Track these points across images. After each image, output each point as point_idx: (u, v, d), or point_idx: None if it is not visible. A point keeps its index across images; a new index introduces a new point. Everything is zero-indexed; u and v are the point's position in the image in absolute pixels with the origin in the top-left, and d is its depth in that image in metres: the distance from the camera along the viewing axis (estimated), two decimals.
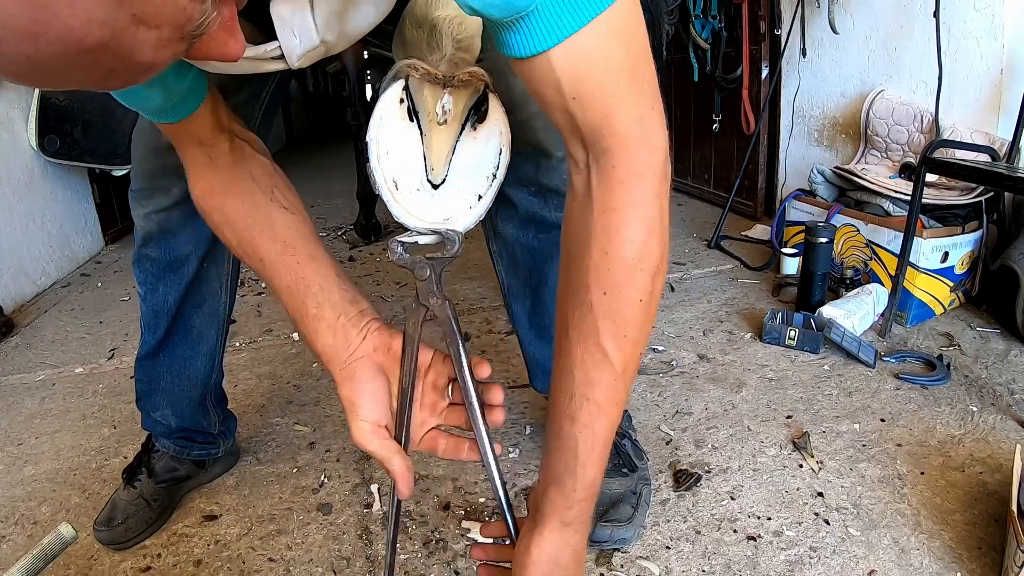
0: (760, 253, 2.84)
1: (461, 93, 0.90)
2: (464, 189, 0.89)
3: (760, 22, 3.12)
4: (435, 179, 0.88)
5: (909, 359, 1.89)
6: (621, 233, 0.65)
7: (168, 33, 0.41)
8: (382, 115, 0.88)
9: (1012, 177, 1.72)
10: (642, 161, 0.64)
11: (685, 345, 2.06)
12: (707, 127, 3.67)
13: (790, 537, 1.26)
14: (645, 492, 1.33)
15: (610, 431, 0.72)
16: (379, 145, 0.87)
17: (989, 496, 1.33)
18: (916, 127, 2.42)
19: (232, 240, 0.86)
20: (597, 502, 1.29)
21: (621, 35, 0.60)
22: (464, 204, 0.89)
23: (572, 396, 0.70)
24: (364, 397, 0.76)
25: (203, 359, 1.40)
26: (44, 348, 2.41)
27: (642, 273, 0.66)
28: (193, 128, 0.83)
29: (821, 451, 1.50)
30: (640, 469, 1.36)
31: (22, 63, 0.38)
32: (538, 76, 0.61)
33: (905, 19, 2.47)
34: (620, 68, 0.61)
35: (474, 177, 0.89)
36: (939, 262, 2.10)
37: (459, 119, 0.89)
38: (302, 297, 0.82)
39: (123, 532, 1.34)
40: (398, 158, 0.87)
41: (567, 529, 0.74)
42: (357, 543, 1.32)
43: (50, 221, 3.17)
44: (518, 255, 1.31)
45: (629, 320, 0.67)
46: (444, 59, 0.97)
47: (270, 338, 2.33)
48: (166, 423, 1.42)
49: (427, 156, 0.88)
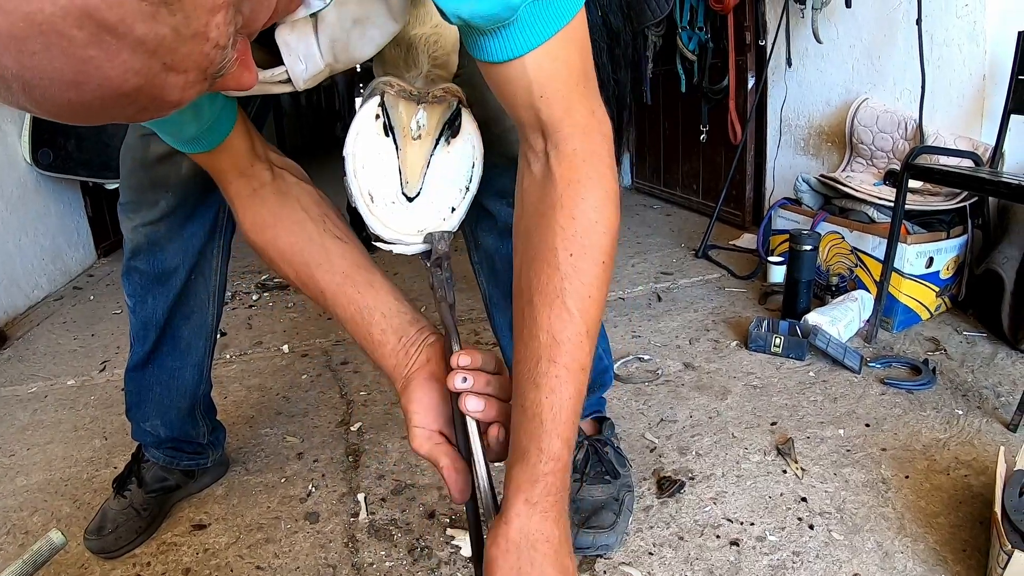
0: (747, 262, 2.86)
1: (435, 109, 0.92)
2: (438, 202, 0.92)
3: (746, 33, 3.15)
4: (410, 192, 0.91)
5: (895, 364, 1.91)
6: (586, 200, 0.72)
7: (194, 76, 0.46)
8: (358, 130, 0.91)
9: (994, 182, 1.74)
10: (597, 144, 0.73)
11: (671, 354, 2.07)
12: (695, 138, 3.70)
13: (773, 542, 1.27)
14: (627, 499, 1.34)
15: (577, 400, 0.71)
16: (355, 159, 0.90)
17: (974, 498, 1.34)
18: (900, 134, 2.44)
19: (289, 273, 0.89)
20: (580, 508, 1.30)
21: (579, 43, 0.70)
22: (438, 216, 0.92)
23: (538, 360, 0.70)
24: (418, 405, 0.79)
25: (192, 370, 1.41)
26: (36, 360, 2.41)
27: (605, 235, 0.72)
28: (230, 158, 0.85)
29: (805, 457, 1.51)
30: (623, 476, 1.37)
31: (63, 106, 0.43)
32: (512, 77, 0.69)
33: (888, 27, 2.50)
34: (579, 71, 0.71)
35: (448, 190, 0.92)
36: (924, 267, 2.12)
37: (433, 134, 0.92)
38: (367, 326, 0.85)
39: (113, 541, 1.35)
40: (374, 172, 0.90)
41: (533, 510, 0.69)
42: (343, 551, 1.32)
43: (43, 234, 3.18)
44: (498, 266, 1.33)
45: (593, 280, 0.71)
46: (420, 76, 0.99)
47: (260, 350, 2.34)
48: (155, 433, 1.43)
49: (402, 170, 0.91)
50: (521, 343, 0.74)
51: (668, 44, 3.65)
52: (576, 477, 1.35)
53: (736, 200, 3.44)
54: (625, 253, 3.13)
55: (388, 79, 0.93)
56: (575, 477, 1.35)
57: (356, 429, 1.76)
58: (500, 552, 0.68)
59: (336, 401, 1.92)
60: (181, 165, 1.17)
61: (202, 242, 1.29)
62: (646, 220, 3.80)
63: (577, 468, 1.37)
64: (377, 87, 0.93)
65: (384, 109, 0.91)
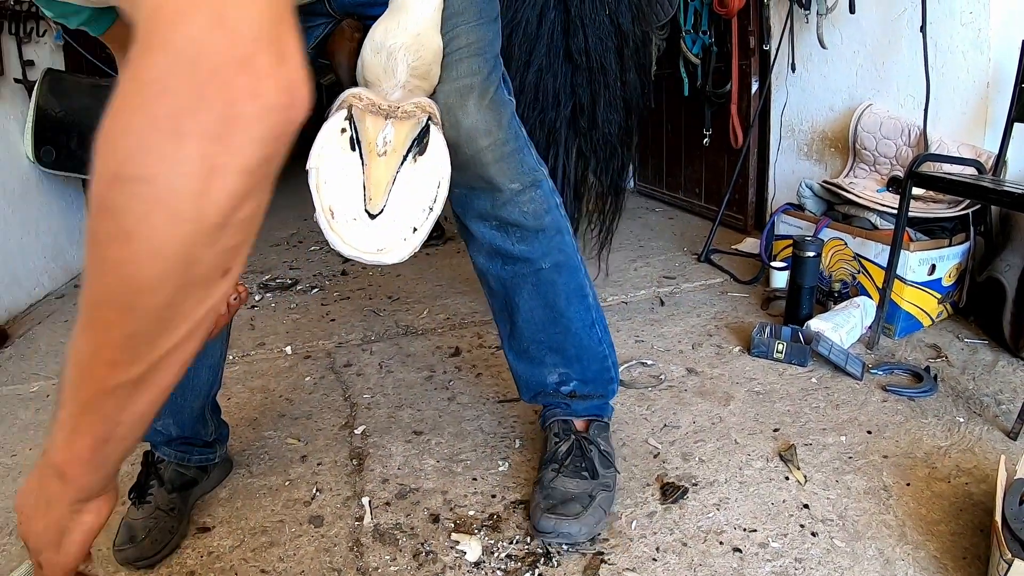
0: (750, 266, 2.87)
1: (403, 124, 0.92)
2: (400, 220, 0.91)
3: (750, 37, 3.16)
4: (372, 209, 0.90)
5: (896, 371, 1.91)
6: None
7: None
8: (323, 144, 0.90)
9: (997, 191, 1.75)
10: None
11: (674, 359, 2.08)
12: (698, 142, 3.70)
13: (776, 549, 1.27)
14: (601, 497, 1.32)
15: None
16: (318, 173, 0.89)
17: (975, 506, 1.35)
18: (904, 141, 2.44)
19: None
20: (549, 496, 1.33)
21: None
22: (399, 235, 0.91)
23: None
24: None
25: (207, 372, 1.40)
26: (38, 359, 2.41)
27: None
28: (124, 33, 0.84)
29: (807, 463, 1.52)
30: (602, 477, 1.36)
31: None
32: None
33: (892, 34, 2.51)
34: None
35: (411, 209, 0.91)
36: (926, 274, 2.12)
37: (400, 150, 0.91)
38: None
39: (150, 546, 1.31)
40: (337, 187, 0.89)
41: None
42: (348, 555, 1.33)
43: (45, 232, 3.18)
44: (491, 283, 1.35)
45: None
46: (399, 86, 0.98)
47: (263, 351, 2.34)
48: (167, 432, 1.42)
49: (366, 186, 0.90)
50: None
51: (672, 47, 3.65)
52: (554, 467, 1.35)
53: (739, 204, 3.44)
54: (627, 256, 3.14)
55: (357, 91, 0.92)
56: (553, 467, 1.35)
57: (360, 432, 1.76)
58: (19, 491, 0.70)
59: (339, 404, 1.93)
60: None
61: None
62: (648, 223, 3.80)
63: (557, 459, 1.37)
64: (345, 99, 0.92)
65: (351, 122, 0.91)
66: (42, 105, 3.04)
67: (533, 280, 1.32)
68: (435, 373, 2.09)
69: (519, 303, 1.34)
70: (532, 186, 1.25)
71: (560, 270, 1.32)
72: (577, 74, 2.08)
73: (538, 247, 1.29)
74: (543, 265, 1.30)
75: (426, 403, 1.90)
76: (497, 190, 1.20)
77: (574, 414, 1.45)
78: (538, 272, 1.31)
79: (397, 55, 0.98)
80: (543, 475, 1.37)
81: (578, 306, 1.37)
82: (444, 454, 1.64)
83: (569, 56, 2.06)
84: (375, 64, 1.00)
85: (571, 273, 1.34)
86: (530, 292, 1.33)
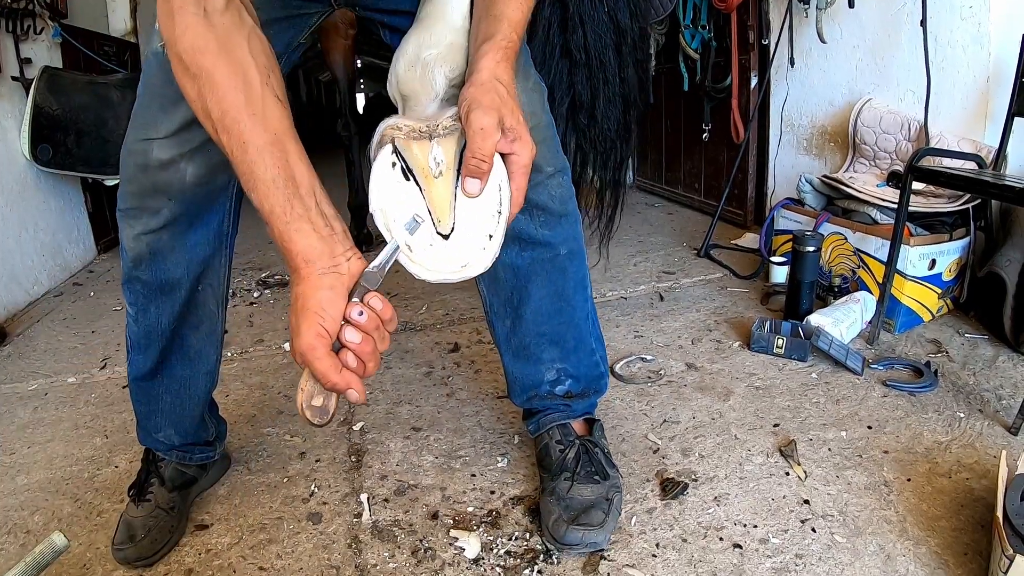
0: (749, 262, 2.86)
1: (448, 141, 0.91)
2: (473, 232, 0.91)
3: (749, 32, 3.15)
4: (444, 230, 0.90)
5: (897, 366, 1.91)
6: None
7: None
8: (379, 183, 0.90)
9: (998, 185, 1.74)
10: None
11: (674, 354, 2.07)
12: (697, 136, 3.69)
13: (776, 544, 1.27)
14: (617, 499, 1.33)
15: (527, 8, 0.98)
16: (385, 215, 0.90)
17: (975, 502, 1.34)
18: (904, 135, 2.44)
19: (215, 111, 0.82)
20: (569, 507, 1.32)
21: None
22: (477, 247, 0.91)
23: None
24: (329, 306, 0.80)
25: (203, 378, 1.38)
26: (36, 357, 2.41)
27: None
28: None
29: (808, 459, 1.51)
30: (612, 477, 1.36)
31: None
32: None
33: (892, 28, 2.50)
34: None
35: (481, 218, 0.91)
36: (927, 269, 2.12)
37: (453, 167, 0.90)
38: (288, 195, 0.81)
39: (149, 545, 1.30)
40: (404, 221, 0.89)
41: (498, 65, 0.92)
42: (347, 552, 1.32)
43: (43, 230, 3.17)
44: (500, 274, 1.32)
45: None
46: (438, 99, 0.98)
47: (261, 348, 2.34)
48: (169, 442, 1.40)
49: (431, 210, 0.90)
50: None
51: (671, 42, 3.65)
52: (567, 476, 1.35)
53: (738, 199, 3.44)
54: (627, 252, 3.13)
55: (393, 122, 0.92)
56: (566, 476, 1.35)
57: (358, 429, 1.75)
58: (480, 91, 0.88)
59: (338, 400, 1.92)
60: (185, 172, 1.12)
61: (207, 252, 1.24)
62: (648, 219, 3.80)
63: (568, 467, 1.37)
64: (385, 134, 0.92)
65: (398, 154, 0.90)
66: (39, 103, 3.03)
67: (549, 267, 1.31)
68: (434, 369, 2.08)
69: (532, 291, 1.32)
70: (562, 171, 1.26)
71: (573, 258, 1.32)
72: (576, 70, 2.07)
73: (559, 232, 1.29)
74: (561, 251, 1.30)
75: (425, 399, 1.89)
76: (535, 170, 1.19)
77: (573, 415, 1.44)
78: (555, 258, 1.30)
79: (434, 68, 0.99)
80: (557, 485, 1.35)
81: (581, 296, 1.37)
82: (443, 450, 1.64)
83: (567, 52, 2.04)
84: (411, 79, 1.00)
85: (581, 262, 1.35)
86: (544, 280, 1.32)
